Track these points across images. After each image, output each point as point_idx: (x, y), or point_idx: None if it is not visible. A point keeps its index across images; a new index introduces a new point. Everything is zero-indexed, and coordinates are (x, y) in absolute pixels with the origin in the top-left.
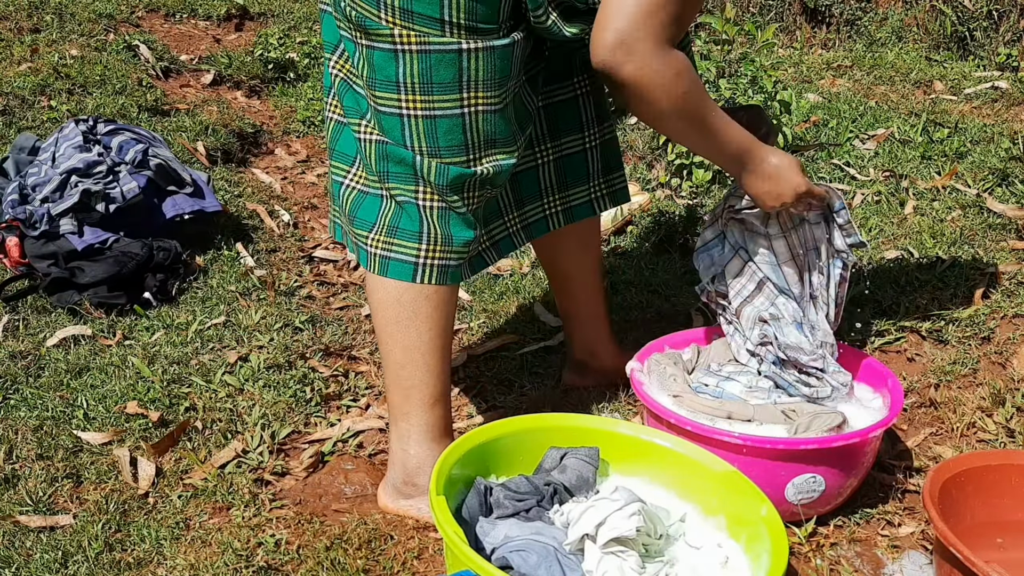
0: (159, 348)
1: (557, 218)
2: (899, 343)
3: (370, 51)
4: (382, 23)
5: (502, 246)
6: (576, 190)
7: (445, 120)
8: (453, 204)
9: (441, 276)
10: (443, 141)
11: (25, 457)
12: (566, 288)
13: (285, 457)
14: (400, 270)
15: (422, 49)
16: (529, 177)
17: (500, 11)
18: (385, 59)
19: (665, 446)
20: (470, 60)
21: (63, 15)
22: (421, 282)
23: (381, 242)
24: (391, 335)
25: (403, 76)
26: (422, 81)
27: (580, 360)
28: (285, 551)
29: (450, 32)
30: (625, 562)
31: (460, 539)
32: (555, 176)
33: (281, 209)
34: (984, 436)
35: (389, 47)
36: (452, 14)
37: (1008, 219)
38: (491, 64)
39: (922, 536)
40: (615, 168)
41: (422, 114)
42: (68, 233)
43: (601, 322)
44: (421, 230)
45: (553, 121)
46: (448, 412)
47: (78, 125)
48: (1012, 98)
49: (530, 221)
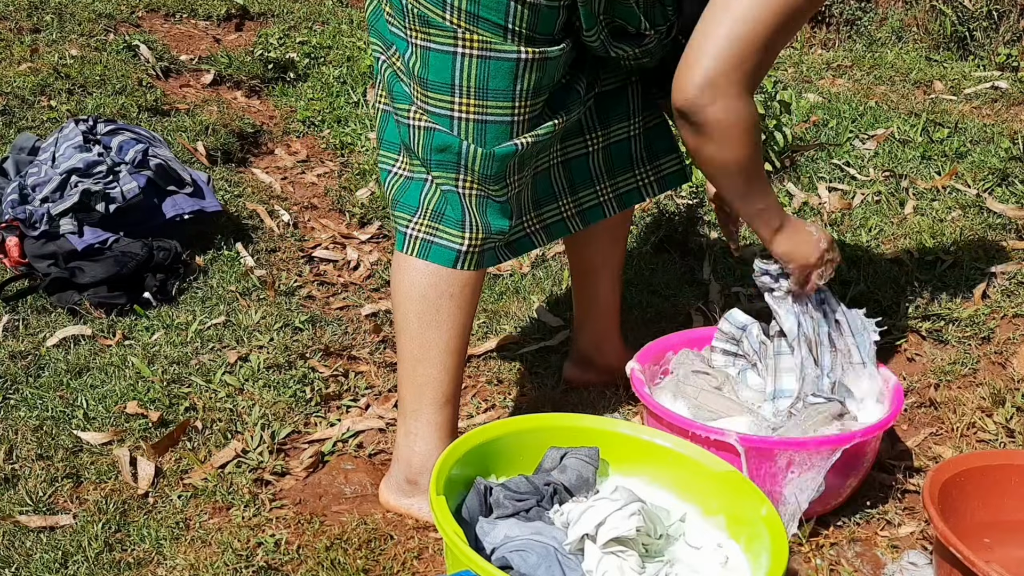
0: (159, 348)
1: (610, 205)
2: (899, 343)
3: (426, 51)
4: (446, 23)
5: (553, 229)
6: (623, 177)
7: (495, 126)
8: (493, 192)
9: (477, 263)
10: (491, 144)
11: (25, 457)
12: (589, 279)
13: (285, 457)
14: (441, 255)
15: (483, 55)
16: (581, 164)
17: (556, 25)
18: (441, 59)
19: (665, 446)
20: (526, 70)
21: (63, 15)
22: (462, 268)
23: (425, 226)
24: (411, 330)
25: (460, 78)
26: (479, 86)
27: (585, 353)
28: (285, 551)
29: (511, 40)
30: (625, 562)
31: (460, 539)
32: (603, 163)
33: (281, 209)
34: (984, 436)
35: (450, 48)
36: (515, 23)
37: (1008, 219)
38: (543, 74)
39: (922, 536)
40: (662, 153)
41: (474, 118)
42: (68, 233)
43: (613, 318)
44: (463, 219)
45: (603, 109)
46: (456, 414)
47: (78, 125)
48: (1012, 98)
49: (584, 207)
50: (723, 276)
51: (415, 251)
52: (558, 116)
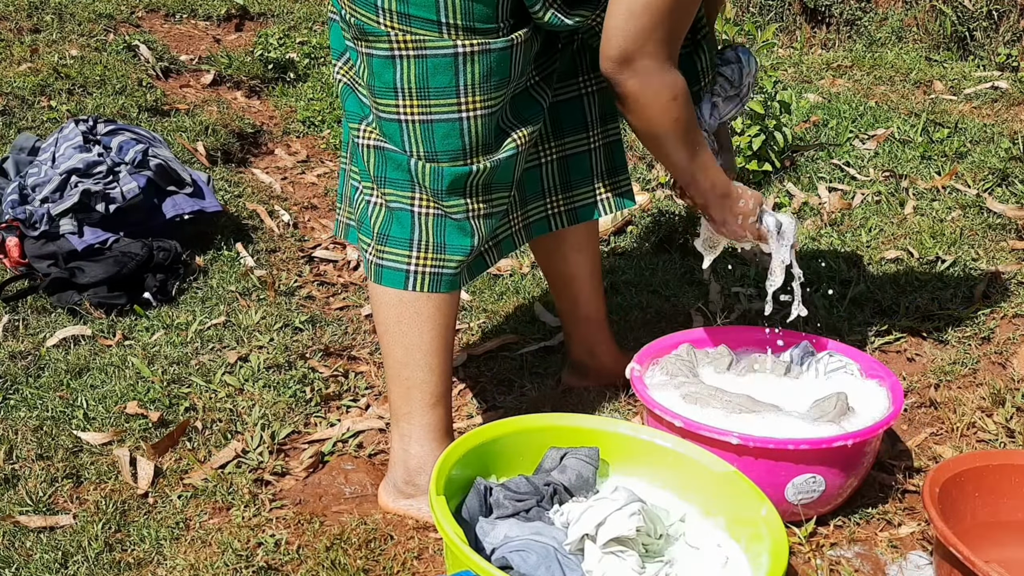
0: (159, 348)
1: (560, 218)
2: (899, 343)
3: (369, 57)
4: (380, 27)
5: (503, 246)
6: (581, 191)
7: (442, 124)
8: (451, 210)
9: (434, 283)
10: (440, 145)
11: (25, 457)
12: (565, 289)
13: (285, 457)
14: (392, 278)
15: (419, 54)
16: (532, 176)
17: (499, 9)
18: (383, 65)
19: (665, 446)
20: (467, 63)
21: (63, 15)
22: (413, 290)
23: (375, 249)
24: (392, 334)
25: (400, 81)
26: (419, 86)
27: (579, 360)
28: (285, 551)
29: (447, 34)
30: (625, 562)
31: (460, 539)
32: (558, 176)
33: (281, 209)
34: (984, 436)
35: (387, 52)
36: (449, 15)
37: (1008, 219)
38: (488, 67)
39: (922, 536)
40: (620, 170)
41: (419, 119)
42: (68, 233)
43: (600, 323)
44: (412, 237)
45: (557, 120)
46: (449, 412)
47: (78, 125)
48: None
49: (531, 220)
50: (723, 276)
51: (371, 275)
52: (518, 132)
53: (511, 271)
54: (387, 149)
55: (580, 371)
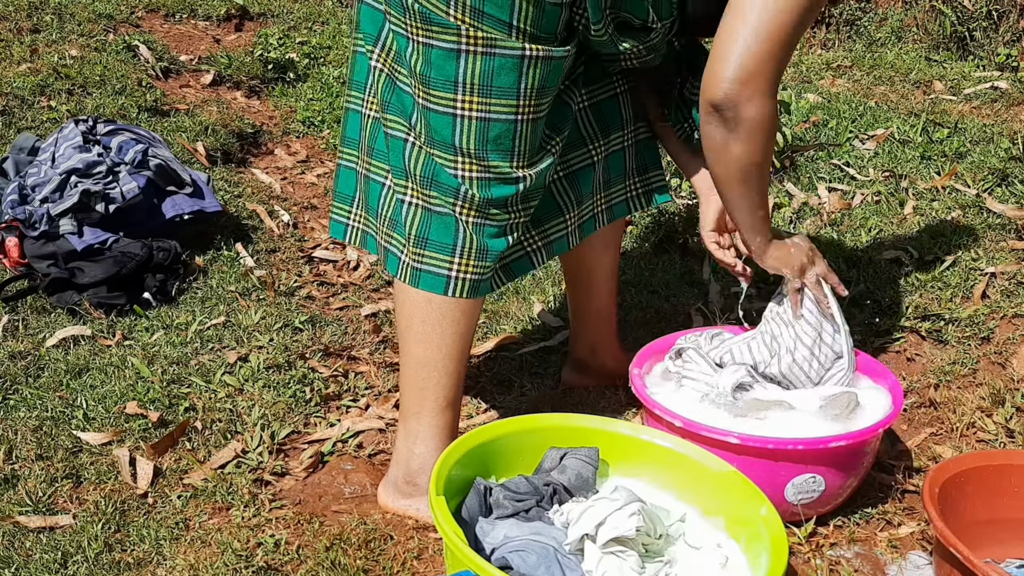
0: (159, 348)
1: (602, 217)
2: (899, 343)
3: (427, 48)
4: (450, 19)
5: (555, 246)
6: (616, 188)
7: (498, 124)
8: (493, 217)
9: (473, 289)
10: (492, 145)
11: (25, 457)
12: (582, 285)
13: (285, 457)
14: (432, 283)
15: (488, 51)
16: (587, 176)
17: (559, 23)
18: (445, 57)
19: (665, 446)
20: (530, 67)
21: (63, 15)
22: (452, 295)
23: (412, 252)
24: (415, 334)
25: (463, 75)
26: (483, 83)
27: (581, 358)
28: (285, 551)
29: (516, 37)
30: (625, 562)
31: (460, 539)
32: (602, 174)
33: (281, 209)
34: (984, 436)
35: (452, 45)
36: (520, 20)
37: (1008, 219)
38: (546, 73)
39: (922, 536)
40: (652, 167)
41: (477, 116)
42: (68, 233)
43: (609, 322)
44: (455, 243)
45: (602, 118)
46: (457, 417)
47: (78, 125)
48: (1012, 98)
49: (585, 220)
50: (723, 276)
51: (406, 278)
52: (554, 141)
53: None
54: (430, 153)
55: (581, 369)
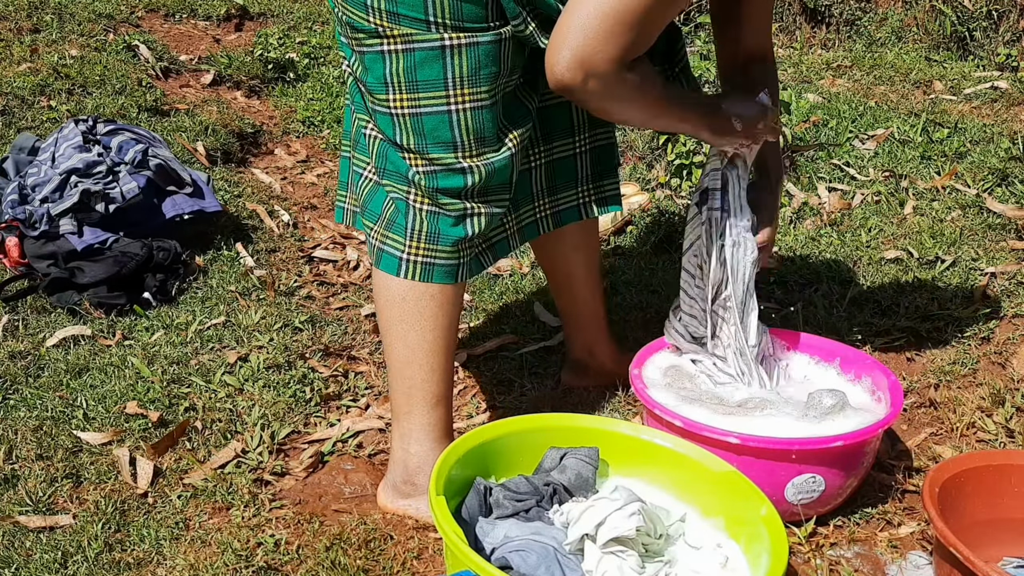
0: (159, 348)
1: (546, 222)
2: (899, 343)
3: (361, 54)
4: (368, 24)
5: (498, 248)
6: (564, 194)
7: (431, 117)
8: (445, 206)
9: (425, 273)
10: (430, 139)
11: (25, 457)
12: (564, 288)
13: (285, 457)
14: (388, 263)
15: (407, 47)
16: (523, 180)
17: (488, 10)
18: (373, 60)
19: (665, 446)
20: (454, 56)
21: (63, 15)
22: (404, 278)
23: (380, 234)
24: (395, 333)
25: (390, 75)
26: (408, 79)
27: (578, 360)
28: (285, 551)
29: (435, 30)
30: (625, 562)
31: (460, 539)
32: (545, 179)
33: (281, 209)
34: (984, 436)
35: (377, 48)
36: (436, 14)
37: (1008, 219)
38: (476, 59)
39: (922, 536)
40: (607, 175)
41: (408, 112)
42: (68, 233)
43: (600, 322)
44: (407, 224)
45: (546, 125)
46: (449, 413)
47: (78, 125)
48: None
49: (523, 224)
50: None
51: (374, 259)
52: (511, 135)
53: (511, 271)
54: (389, 146)
55: (580, 370)
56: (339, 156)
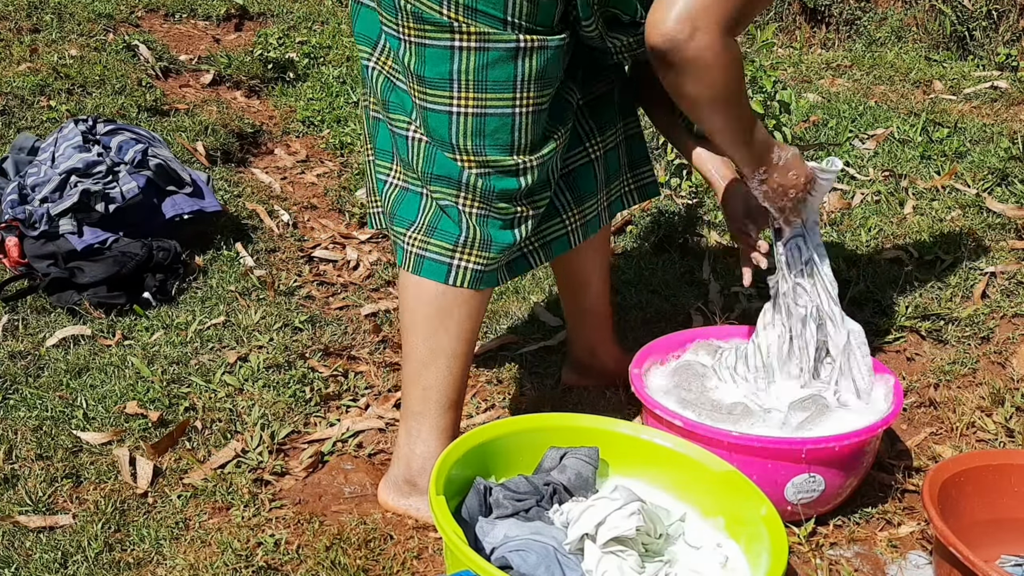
0: (159, 348)
1: (604, 215)
2: (899, 343)
3: (420, 46)
4: (442, 16)
5: (555, 247)
6: (613, 185)
7: (495, 119)
8: (498, 209)
9: (474, 280)
10: (490, 140)
11: (25, 457)
12: (575, 287)
13: (285, 457)
14: (433, 270)
15: (480, 46)
16: (586, 174)
17: (555, 16)
18: (438, 55)
19: (665, 446)
20: (526, 59)
21: (62, 15)
22: (453, 284)
23: (418, 240)
24: (420, 333)
25: (458, 72)
26: (477, 78)
27: (580, 359)
28: (285, 551)
29: (511, 30)
30: (625, 562)
31: (460, 539)
32: (604, 171)
33: (281, 209)
34: (984, 436)
35: (446, 43)
36: (514, 15)
37: (1008, 219)
38: (544, 63)
39: (922, 536)
40: (641, 162)
41: (473, 112)
42: (67, 233)
43: (605, 322)
44: (459, 231)
45: (597, 116)
46: (459, 418)
47: (77, 125)
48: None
49: (589, 218)
50: (723, 276)
51: (410, 266)
52: (558, 131)
53: None
54: (438, 150)
55: (580, 370)
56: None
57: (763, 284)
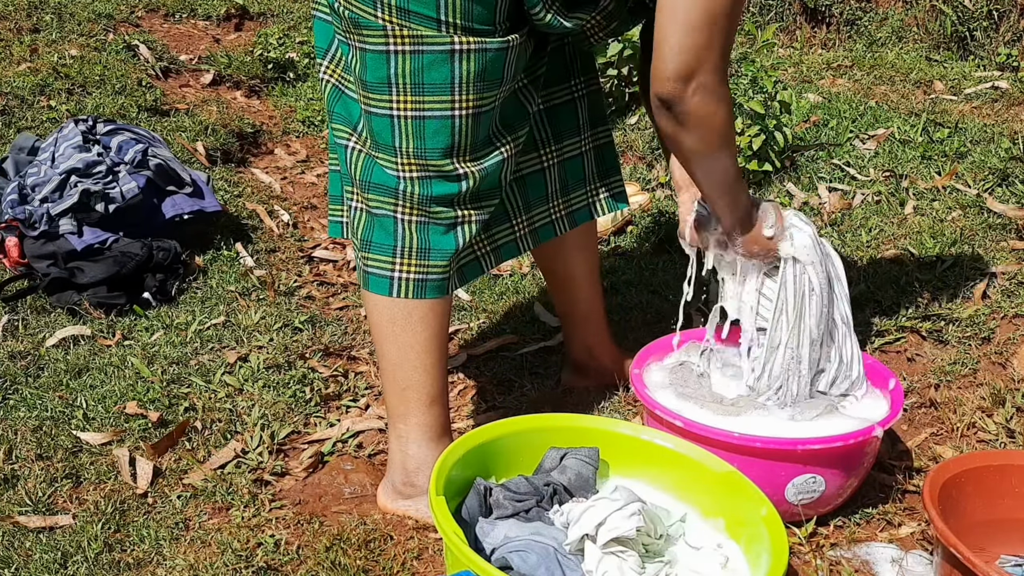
0: (158, 348)
1: (562, 223)
2: (899, 343)
3: (363, 51)
4: (376, 20)
5: (503, 251)
6: (576, 194)
7: (434, 121)
8: (436, 216)
9: (418, 290)
10: (430, 142)
11: (25, 457)
12: (564, 289)
13: (284, 457)
14: (378, 284)
15: (415, 49)
16: (536, 180)
17: (497, 11)
18: (377, 59)
19: (665, 446)
20: (462, 60)
21: (63, 15)
22: (398, 296)
23: (361, 256)
24: (385, 336)
25: (395, 76)
26: (414, 81)
27: (579, 360)
28: (285, 551)
29: (445, 31)
30: (625, 562)
31: (460, 539)
32: (558, 180)
33: (281, 209)
34: (984, 436)
35: (382, 47)
36: (448, 14)
37: (1008, 219)
38: (483, 65)
39: (922, 536)
40: (612, 172)
41: (412, 115)
42: (67, 233)
43: (599, 322)
44: (395, 243)
45: (555, 124)
46: (446, 412)
47: (77, 125)
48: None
49: (537, 225)
50: None
51: (361, 282)
52: (505, 139)
53: (511, 271)
54: (374, 156)
55: (580, 371)
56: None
57: None
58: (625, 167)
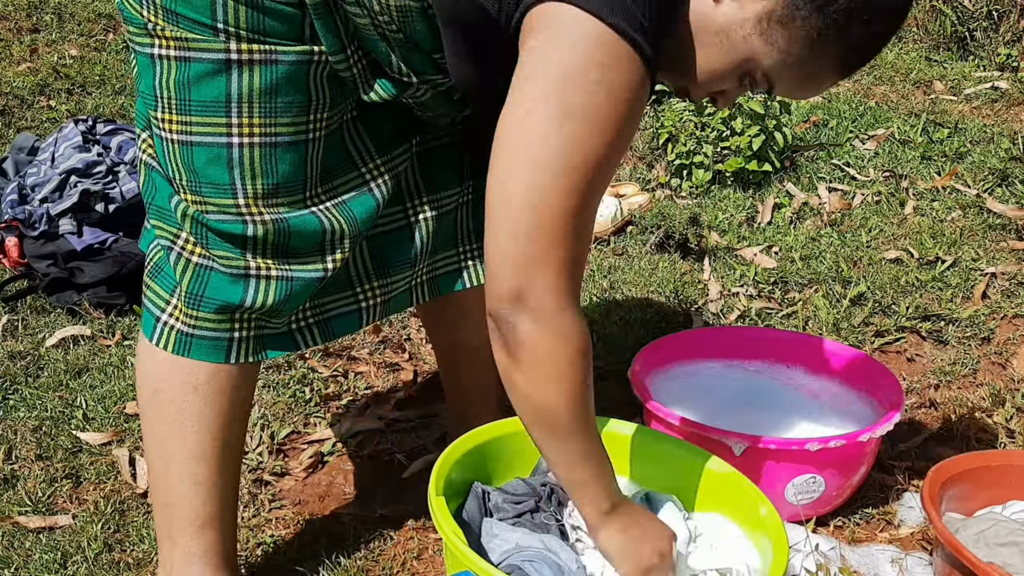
0: None
1: (421, 289)
2: (899, 343)
3: (133, 52)
4: (140, 17)
5: (336, 325)
6: (444, 255)
7: (204, 149)
8: (220, 262)
9: (179, 344)
10: (203, 176)
11: (24, 457)
12: (450, 359)
13: (284, 457)
14: (146, 321)
15: (181, 55)
16: (399, 239)
17: (303, 29)
18: (144, 64)
19: (665, 446)
20: (242, 74)
21: (62, 15)
22: (153, 342)
23: (145, 283)
24: (150, 434)
25: (159, 87)
26: (180, 96)
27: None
28: (285, 551)
29: (221, 38)
30: None
31: (460, 539)
32: (432, 238)
33: None
34: (984, 436)
35: (148, 50)
36: (227, 21)
37: (1008, 219)
38: (272, 82)
39: (922, 536)
40: None
41: (178, 138)
42: (67, 233)
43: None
44: (174, 279)
45: (428, 171)
46: (225, 536)
47: (77, 125)
48: (1012, 98)
49: (393, 294)
50: (723, 276)
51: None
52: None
53: None
54: (155, 170)
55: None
56: None
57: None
58: (625, 167)
